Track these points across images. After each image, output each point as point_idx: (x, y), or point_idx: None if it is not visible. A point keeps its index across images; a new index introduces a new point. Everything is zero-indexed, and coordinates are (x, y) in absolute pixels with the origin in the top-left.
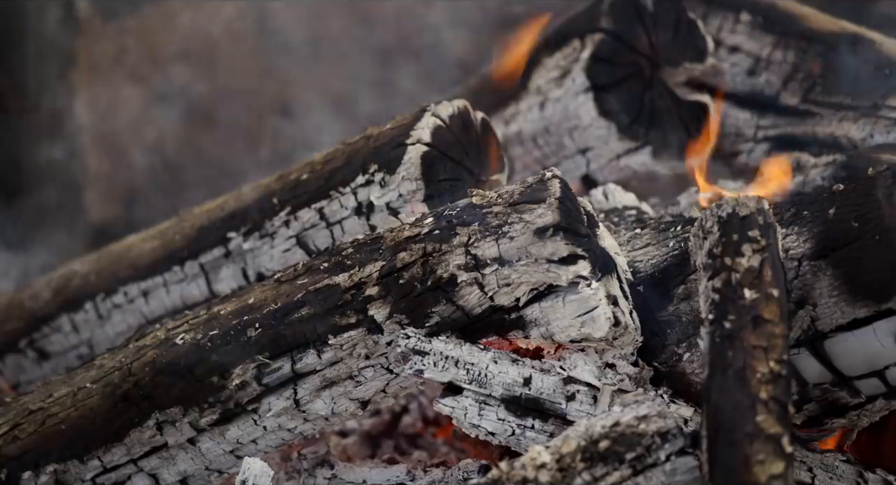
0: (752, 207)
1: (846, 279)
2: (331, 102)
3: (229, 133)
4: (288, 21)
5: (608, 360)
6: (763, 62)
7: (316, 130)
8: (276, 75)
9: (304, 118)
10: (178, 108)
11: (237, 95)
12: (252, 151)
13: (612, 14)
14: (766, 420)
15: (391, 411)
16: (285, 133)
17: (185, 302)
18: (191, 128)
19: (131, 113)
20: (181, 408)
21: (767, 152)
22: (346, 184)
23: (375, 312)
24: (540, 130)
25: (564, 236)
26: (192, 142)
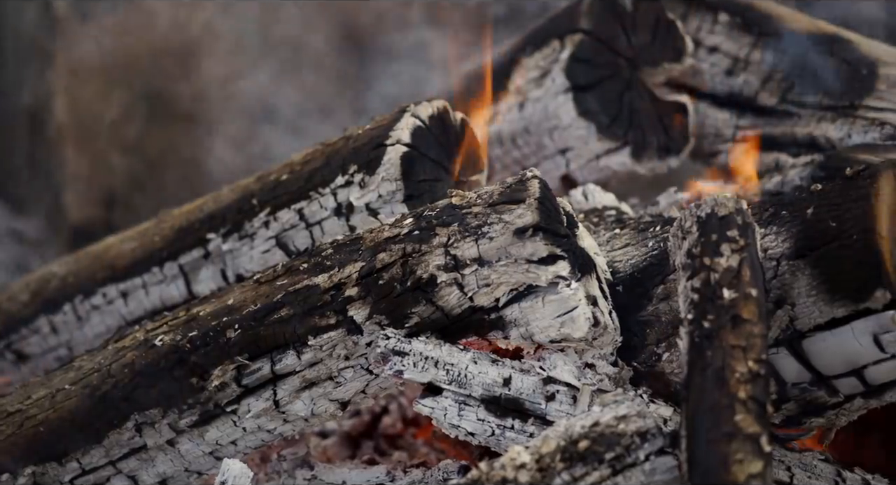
0: (731, 207)
1: (824, 279)
2: (310, 103)
3: (209, 134)
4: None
5: (588, 360)
6: (741, 62)
7: (296, 130)
8: (256, 75)
9: (284, 118)
10: (158, 109)
11: (217, 96)
12: (232, 151)
13: (592, 14)
14: (744, 420)
15: (371, 411)
16: (265, 133)
17: (164, 303)
18: (170, 128)
19: (110, 113)
20: (160, 409)
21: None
22: (325, 185)
23: (355, 312)
24: (519, 131)
25: (544, 237)
26: (172, 143)
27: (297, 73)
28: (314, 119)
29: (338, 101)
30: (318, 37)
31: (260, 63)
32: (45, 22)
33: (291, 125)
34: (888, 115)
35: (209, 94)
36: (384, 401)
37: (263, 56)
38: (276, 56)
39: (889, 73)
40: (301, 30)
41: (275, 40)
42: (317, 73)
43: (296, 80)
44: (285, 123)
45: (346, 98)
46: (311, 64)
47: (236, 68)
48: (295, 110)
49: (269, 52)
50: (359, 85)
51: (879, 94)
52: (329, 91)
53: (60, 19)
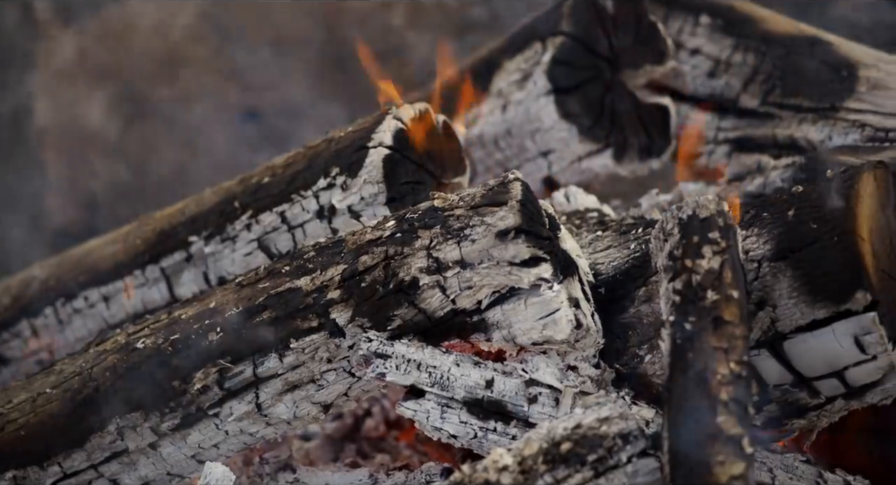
0: (713, 209)
1: (805, 280)
2: (293, 105)
3: (192, 136)
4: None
5: (570, 362)
6: (723, 65)
7: (278, 132)
8: (239, 77)
9: (267, 121)
10: (140, 111)
11: (200, 98)
12: (215, 154)
13: (573, 17)
14: (726, 421)
15: (354, 414)
16: (248, 136)
17: (146, 306)
18: (153, 131)
19: (92, 116)
20: (142, 413)
21: (728, 154)
22: (307, 187)
23: (337, 315)
24: (502, 133)
25: (526, 239)
26: (154, 145)
27: (280, 76)
28: (297, 122)
29: (321, 103)
30: (301, 40)
31: (242, 66)
32: (26, 25)
33: (274, 128)
34: (868, 117)
35: (191, 97)
36: (367, 403)
37: (245, 59)
38: (259, 59)
39: (869, 74)
40: (284, 32)
41: (257, 43)
42: (300, 75)
43: (278, 82)
44: (267, 125)
45: (329, 100)
46: (294, 66)
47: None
48: (278, 113)
49: (252, 55)
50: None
51: (859, 95)
52: (312, 93)
53: (41, 22)
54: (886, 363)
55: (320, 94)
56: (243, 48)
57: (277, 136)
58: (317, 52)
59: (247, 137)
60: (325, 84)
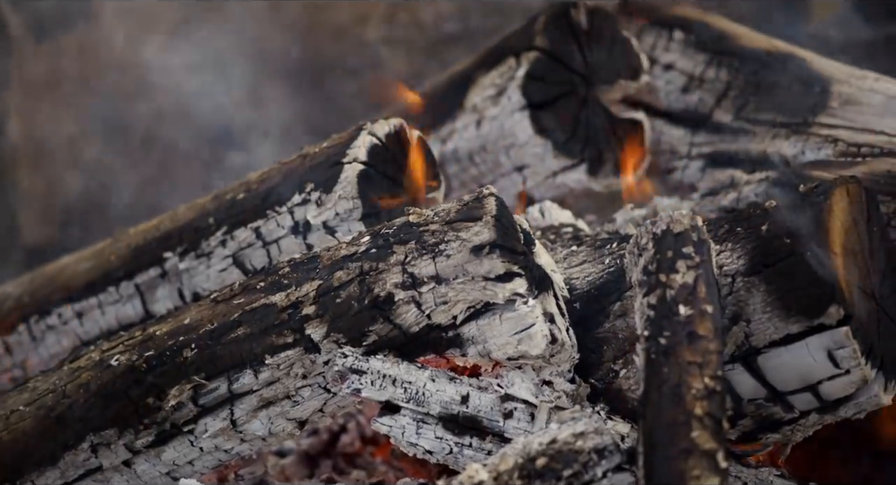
0: (686, 223)
1: (779, 295)
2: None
3: (167, 153)
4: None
5: (545, 377)
6: (696, 80)
7: (253, 149)
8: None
9: (241, 138)
10: (115, 129)
11: (174, 115)
12: (190, 171)
13: (547, 32)
14: (701, 436)
15: (329, 430)
16: (223, 153)
17: (120, 323)
18: (127, 148)
19: (66, 133)
20: (116, 430)
21: (702, 169)
22: (282, 203)
23: (312, 331)
24: (476, 148)
25: (501, 254)
26: (128, 162)
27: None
28: (272, 138)
29: (296, 120)
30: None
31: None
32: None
33: (249, 144)
34: (841, 132)
35: (165, 114)
36: (342, 419)
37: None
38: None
39: (841, 90)
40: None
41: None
42: (275, 92)
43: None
44: (242, 141)
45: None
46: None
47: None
48: (252, 130)
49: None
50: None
51: (832, 111)
52: (287, 110)
53: (15, 39)
54: (859, 377)
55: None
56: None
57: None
58: (292, 67)
59: (221, 154)
60: (300, 99)
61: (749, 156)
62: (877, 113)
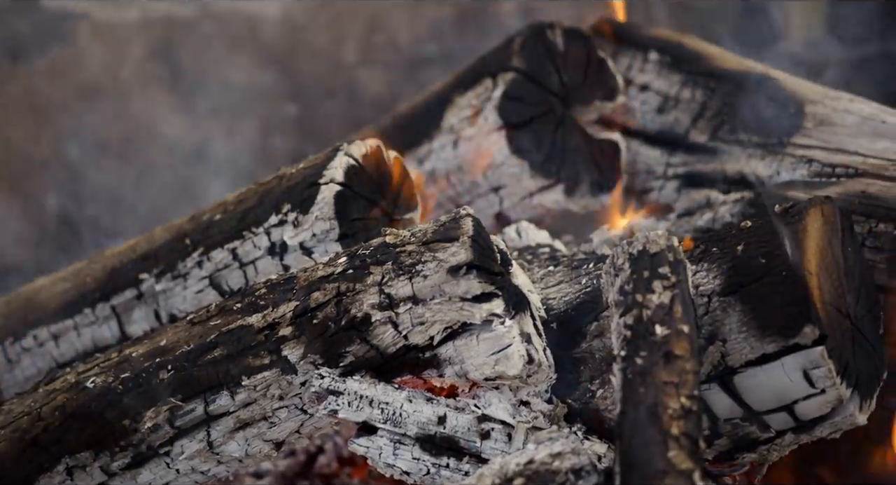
0: (662, 244)
1: (755, 315)
2: (245, 143)
3: (143, 174)
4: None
5: (522, 397)
6: (672, 100)
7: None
8: (190, 115)
9: (217, 158)
10: (90, 149)
11: (150, 136)
12: (166, 191)
13: (524, 53)
14: (677, 456)
15: (306, 451)
16: (199, 174)
17: (96, 345)
18: (103, 169)
19: (41, 154)
20: (92, 452)
21: (678, 189)
22: (259, 224)
23: (289, 352)
24: (453, 169)
25: (478, 275)
26: (104, 183)
27: (229, 113)
28: (248, 159)
29: (272, 141)
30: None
31: (192, 103)
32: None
33: (225, 165)
34: (815, 153)
35: (141, 135)
36: (319, 440)
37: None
38: (209, 96)
39: (815, 111)
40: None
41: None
42: (250, 113)
43: (229, 119)
44: (218, 162)
45: (279, 138)
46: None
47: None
48: (228, 150)
49: (202, 92)
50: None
51: (807, 131)
52: (264, 131)
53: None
54: (835, 397)
55: (272, 131)
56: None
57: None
58: (269, 88)
59: (198, 175)
60: (276, 121)
61: (725, 176)
62: (851, 134)
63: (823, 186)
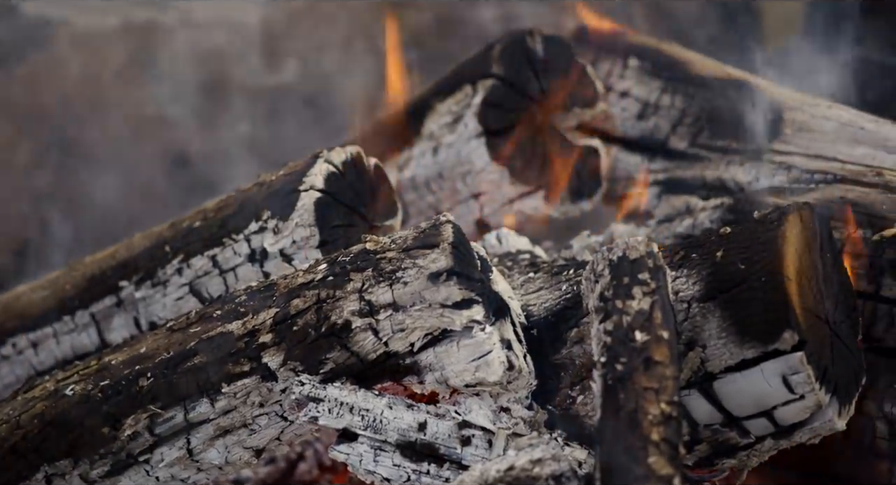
0: (642, 250)
1: (734, 321)
2: (224, 149)
3: (123, 181)
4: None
5: (503, 404)
6: (652, 107)
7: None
8: (168, 122)
9: (197, 166)
10: (69, 157)
11: (129, 143)
12: (145, 198)
13: (504, 60)
14: (657, 462)
15: (287, 458)
16: (179, 181)
17: (75, 352)
18: (82, 176)
19: (20, 161)
20: (71, 460)
21: (658, 195)
22: (239, 231)
23: (269, 359)
24: (433, 175)
25: (458, 281)
26: (84, 190)
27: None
28: (228, 166)
29: (252, 147)
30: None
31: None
32: None
33: (205, 171)
34: (794, 159)
35: (122, 141)
36: (300, 447)
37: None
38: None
39: (794, 117)
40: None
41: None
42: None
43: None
44: (199, 169)
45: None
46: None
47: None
48: (210, 157)
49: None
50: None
51: (785, 138)
52: (245, 137)
53: None
54: (814, 402)
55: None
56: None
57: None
58: (248, 96)
59: (177, 182)
60: (256, 128)
61: (704, 182)
62: (829, 140)
63: (802, 191)
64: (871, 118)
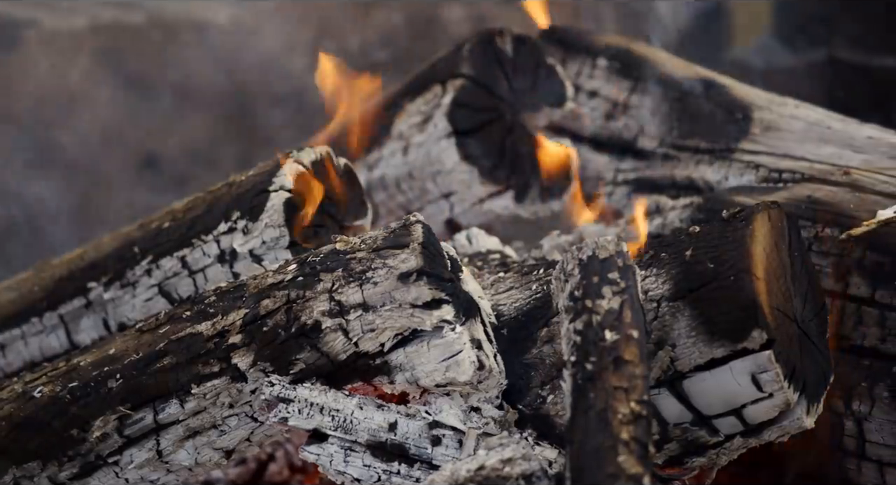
0: (612, 249)
1: (703, 320)
2: (193, 150)
3: (91, 183)
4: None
5: (473, 403)
6: (621, 106)
7: (179, 177)
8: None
9: (167, 166)
10: (38, 157)
11: (100, 144)
12: (115, 199)
13: (473, 59)
14: (627, 460)
15: (257, 459)
16: (149, 182)
17: (43, 354)
18: (51, 177)
19: None
20: (39, 463)
21: (627, 195)
22: (208, 231)
23: (239, 360)
24: (403, 175)
25: (428, 281)
26: (52, 191)
27: (180, 121)
28: (198, 166)
29: (222, 148)
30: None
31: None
32: None
33: (175, 172)
34: (762, 158)
35: (91, 142)
36: (270, 448)
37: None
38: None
39: (762, 116)
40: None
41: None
42: (201, 120)
43: (179, 127)
44: (168, 170)
45: (230, 145)
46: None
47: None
48: (178, 158)
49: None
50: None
51: (754, 137)
52: (214, 138)
53: None
54: (783, 401)
55: (223, 138)
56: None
57: (178, 181)
58: (217, 95)
59: (147, 182)
60: (225, 128)
61: (673, 182)
62: (797, 139)
63: (771, 191)
64: (838, 117)
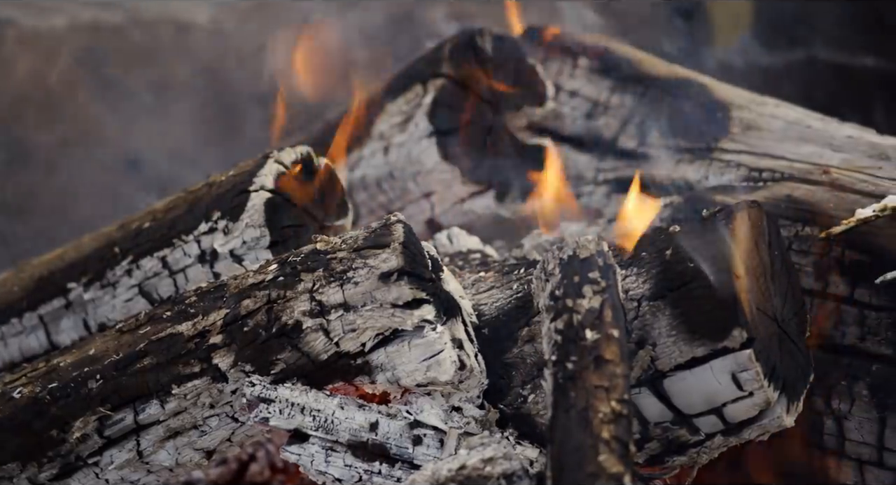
0: (592, 249)
1: (684, 319)
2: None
3: (70, 182)
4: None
5: (454, 403)
6: (601, 106)
7: (159, 177)
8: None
9: (147, 166)
10: (17, 157)
11: (79, 144)
12: (94, 200)
13: (454, 59)
14: (608, 460)
15: (238, 459)
16: (128, 181)
17: (23, 355)
18: (30, 177)
19: None
20: (18, 464)
21: (608, 194)
22: (188, 232)
23: (220, 360)
24: (384, 175)
25: (409, 281)
26: (32, 191)
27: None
28: (178, 167)
29: (203, 148)
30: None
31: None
32: None
33: (155, 173)
34: (742, 157)
35: (70, 142)
36: (251, 448)
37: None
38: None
39: (742, 116)
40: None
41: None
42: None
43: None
44: (148, 170)
45: (211, 145)
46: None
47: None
48: (158, 158)
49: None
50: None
51: (734, 136)
52: (194, 138)
53: None
54: (763, 399)
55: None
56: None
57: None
58: (198, 96)
59: (128, 183)
60: (206, 128)
61: (654, 181)
62: (777, 138)
63: (751, 190)
64: (817, 117)
